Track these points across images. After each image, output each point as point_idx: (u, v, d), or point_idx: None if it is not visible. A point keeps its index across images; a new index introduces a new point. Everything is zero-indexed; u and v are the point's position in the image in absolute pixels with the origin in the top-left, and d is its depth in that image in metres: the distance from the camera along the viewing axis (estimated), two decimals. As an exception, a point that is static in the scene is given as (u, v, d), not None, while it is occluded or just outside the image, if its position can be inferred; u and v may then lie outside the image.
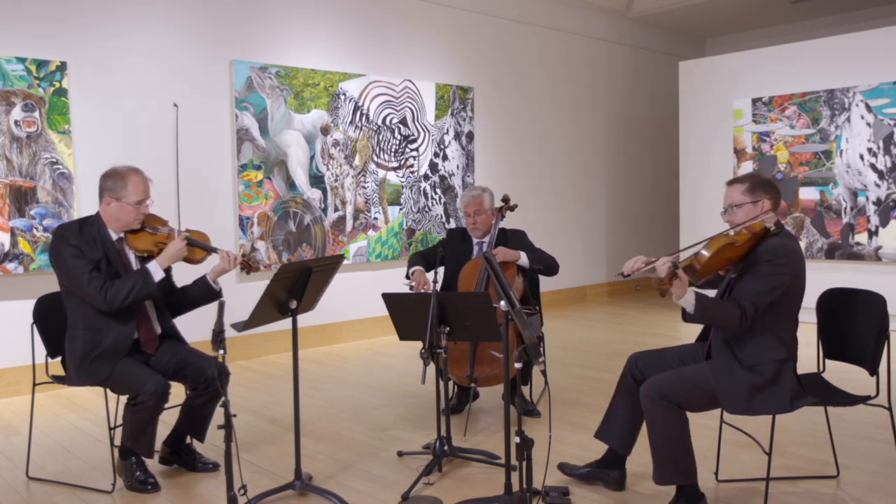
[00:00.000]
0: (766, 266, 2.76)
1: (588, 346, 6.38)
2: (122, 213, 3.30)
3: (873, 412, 3.58)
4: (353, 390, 5.06)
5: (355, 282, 6.67)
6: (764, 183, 2.97)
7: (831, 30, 9.30)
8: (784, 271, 2.76)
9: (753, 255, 2.81)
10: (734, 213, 2.94)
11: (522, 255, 4.11)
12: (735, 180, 3.02)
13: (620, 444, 3.16)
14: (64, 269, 3.22)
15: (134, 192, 3.28)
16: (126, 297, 3.19)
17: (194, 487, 3.36)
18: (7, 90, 4.94)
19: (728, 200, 2.99)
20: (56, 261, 3.24)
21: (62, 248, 3.22)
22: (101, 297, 3.17)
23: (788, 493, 3.15)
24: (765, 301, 2.76)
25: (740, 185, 2.97)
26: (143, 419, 3.20)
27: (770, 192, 2.94)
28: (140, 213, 3.32)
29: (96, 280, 3.18)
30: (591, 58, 9.03)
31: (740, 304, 2.74)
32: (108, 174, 3.33)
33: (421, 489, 3.25)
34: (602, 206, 9.27)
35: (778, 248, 2.78)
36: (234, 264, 3.43)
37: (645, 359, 3.15)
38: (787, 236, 2.87)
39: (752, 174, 3.08)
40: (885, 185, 6.75)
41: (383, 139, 6.92)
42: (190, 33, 5.80)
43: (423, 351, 3.14)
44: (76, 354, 3.25)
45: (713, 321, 2.86)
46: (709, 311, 2.78)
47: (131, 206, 3.28)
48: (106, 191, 3.30)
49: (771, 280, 2.75)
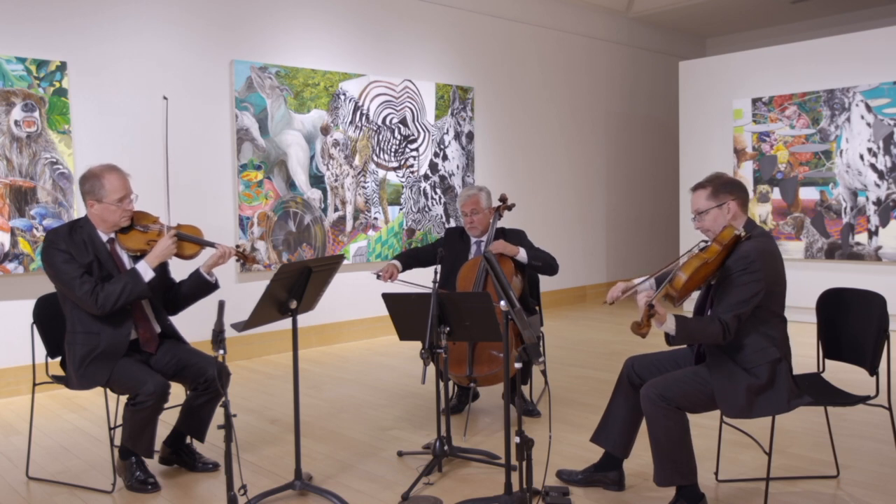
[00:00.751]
0: (741, 275, 2.74)
1: (588, 346, 6.38)
2: (106, 214, 3.27)
3: (873, 412, 3.59)
4: (353, 390, 5.06)
5: (355, 282, 6.67)
6: (726, 184, 2.94)
7: (831, 30, 9.30)
8: (759, 277, 2.74)
9: (726, 265, 2.78)
10: (702, 220, 2.94)
11: (522, 251, 4.11)
12: (698, 186, 2.99)
13: (618, 448, 3.16)
14: (55, 275, 3.21)
15: (112, 189, 3.25)
16: (117, 300, 3.17)
17: (194, 487, 3.36)
18: (7, 90, 4.94)
19: (694, 207, 2.98)
20: (47, 266, 3.23)
21: (53, 253, 3.21)
22: (91, 302, 3.15)
23: (788, 493, 3.14)
24: (746, 310, 2.75)
25: (703, 191, 2.95)
26: (143, 419, 3.20)
27: (734, 192, 2.92)
28: (125, 211, 3.29)
29: (87, 284, 3.16)
30: (590, 58, 9.03)
31: (721, 319, 2.72)
32: (85, 177, 3.30)
33: (421, 489, 3.25)
34: (602, 205, 9.27)
35: (750, 253, 2.75)
36: (228, 257, 3.40)
37: (642, 362, 3.15)
38: (760, 237, 2.84)
39: (713, 176, 3.00)
40: (885, 185, 6.75)
41: (383, 139, 6.92)
42: (190, 33, 5.80)
43: (423, 351, 3.14)
44: (75, 359, 3.25)
45: (697, 340, 2.85)
46: (691, 332, 2.77)
47: (113, 204, 3.25)
48: (86, 194, 3.28)
49: (748, 288, 2.74)
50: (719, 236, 2.77)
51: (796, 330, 3.09)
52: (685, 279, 2.70)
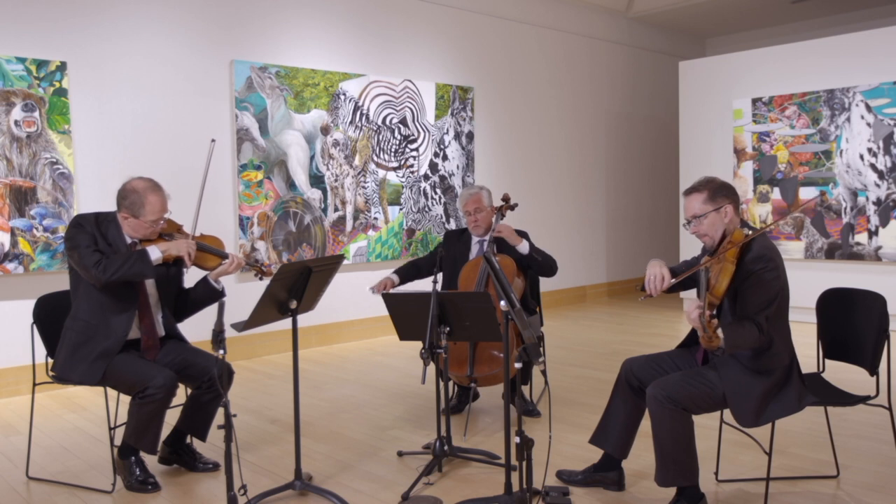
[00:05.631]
0: (762, 274, 2.73)
1: (588, 346, 6.38)
2: (138, 228, 3.30)
3: (873, 412, 3.59)
4: (353, 390, 5.06)
5: (355, 282, 6.67)
6: (721, 187, 2.93)
7: (831, 30, 9.30)
8: (779, 274, 2.75)
9: (743, 267, 2.75)
10: (700, 224, 2.91)
11: (524, 242, 4.13)
12: (693, 190, 2.97)
13: (617, 449, 3.15)
14: (73, 246, 3.20)
15: (151, 211, 3.27)
16: (117, 270, 3.15)
17: (194, 487, 3.36)
18: (7, 90, 4.94)
19: (690, 212, 2.95)
20: (68, 241, 3.24)
21: (78, 230, 3.23)
22: (95, 269, 3.14)
23: (788, 493, 3.14)
24: (773, 308, 2.73)
25: (699, 195, 2.92)
26: (151, 412, 3.19)
27: (730, 196, 2.91)
28: (157, 229, 3.33)
29: (97, 255, 3.18)
30: (590, 58, 9.03)
31: (755, 321, 2.70)
32: (127, 190, 3.28)
33: (421, 489, 3.25)
34: (602, 206, 9.27)
35: (765, 252, 2.75)
36: (237, 268, 3.45)
37: (639, 363, 3.14)
38: (761, 236, 2.84)
39: (707, 181, 2.97)
40: (885, 185, 6.75)
41: (383, 139, 6.92)
42: (190, 33, 5.80)
43: (423, 351, 3.14)
44: (69, 345, 3.26)
45: (742, 347, 2.75)
46: (736, 339, 2.69)
47: (147, 223, 3.28)
48: (123, 207, 3.28)
49: (772, 286, 2.73)
50: (733, 238, 2.75)
51: (796, 330, 3.09)
52: (725, 286, 2.68)
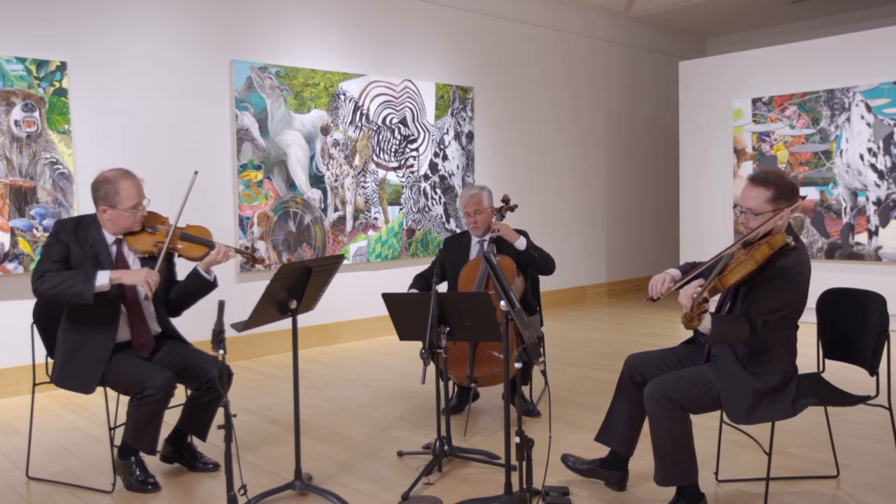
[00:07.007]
0: (783, 284, 2.70)
1: (588, 346, 6.38)
2: (118, 220, 3.28)
3: (873, 412, 3.59)
4: (353, 390, 5.06)
5: (355, 282, 6.67)
6: (788, 190, 2.80)
7: (831, 30, 9.30)
8: (798, 291, 2.73)
9: (770, 268, 2.72)
10: (752, 219, 2.80)
11: (522, 239, 4.15)
12: (759, 182, 2.81)
13: (622, 446, 3.15)
14: (41, 253, 3.22)
15: (127, 197, 3.24)
16: (54, 287, 3.07)
17: (194, 487, 3.36)
18: (7, 90, 4.94)
19: (748, 203, 2.81)
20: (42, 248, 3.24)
21: (51, 240, 3.23)
22: (36, 279, 3.10)
23: (788, 493, 3.14)
24: (776, 317, 2.73)
25: (764, 192, 2.78)
26: (150, 413, 3.18)
27: (792, 199, 2.80)
28: (138, 216, 3.30)
29: (49, 264, 3.13)
30: (590, 58, 9.03)
31: (751, 320, 2.69)
32: (99, 182, 3.28)
33: (421, 489, 3.25)
34: (602, 206, 9.27)
35: (796, 266, 2.71)
36: (227, 256, 3.39)
37: (643, 360, 3.14)
38: (802, 250, 2.78)
39: (776, 176, 2.82)
40: (885, 185, 6.76)
41: (383, 139, 6.92)
42: (190, 33, 5.80)
43: (423, 351, 3.14)
44: (63, 354, 3.27)
45: (726, 339, 2.75)
46: (724, 331, 2.69)
47: (127, 211, 3.25)
48: (98, 199, 3.27)
49: (785, 298, 2.72)
50: (772, 241, 2.69)
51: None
52: (736, 280, 2.67)
